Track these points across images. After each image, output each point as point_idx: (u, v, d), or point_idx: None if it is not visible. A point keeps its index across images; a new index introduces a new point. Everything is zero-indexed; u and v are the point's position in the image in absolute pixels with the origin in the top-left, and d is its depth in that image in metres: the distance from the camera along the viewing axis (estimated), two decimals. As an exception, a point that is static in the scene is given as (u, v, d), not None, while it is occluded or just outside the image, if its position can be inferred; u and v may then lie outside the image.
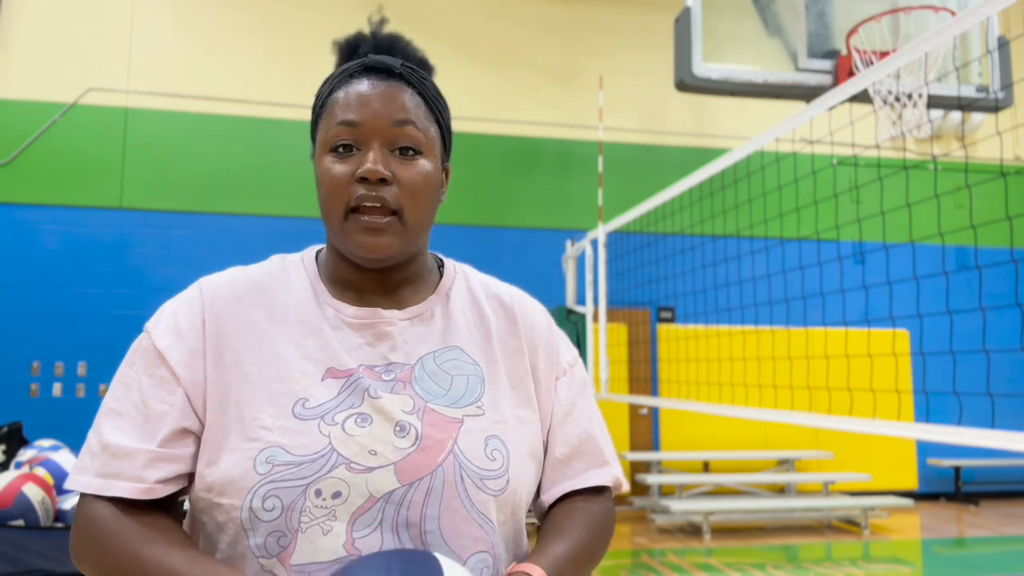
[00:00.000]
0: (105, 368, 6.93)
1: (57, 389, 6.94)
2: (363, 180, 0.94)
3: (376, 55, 1.01)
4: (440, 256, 1.12)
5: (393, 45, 1.03)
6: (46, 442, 5.53)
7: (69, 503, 4.07)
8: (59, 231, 7.15)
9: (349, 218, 0.95)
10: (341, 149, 0.96)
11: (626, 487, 1.11)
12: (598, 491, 1.07)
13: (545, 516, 1.05)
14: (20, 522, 3.80)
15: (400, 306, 1.01)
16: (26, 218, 7.10)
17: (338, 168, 0.95)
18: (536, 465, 1.02)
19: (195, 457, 0.93)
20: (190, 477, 0.94)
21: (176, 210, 7.40)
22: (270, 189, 7.59)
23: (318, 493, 0.87)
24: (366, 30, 1.04)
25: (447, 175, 1.06)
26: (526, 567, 0.90)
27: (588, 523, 1.02)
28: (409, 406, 0.94)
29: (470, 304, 1.06)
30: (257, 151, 7.61)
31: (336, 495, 0.87)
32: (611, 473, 1.07)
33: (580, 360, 1.13)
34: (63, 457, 4.35)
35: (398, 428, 0.92)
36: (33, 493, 3.89)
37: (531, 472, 1.01)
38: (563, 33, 8.43)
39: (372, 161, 0.94)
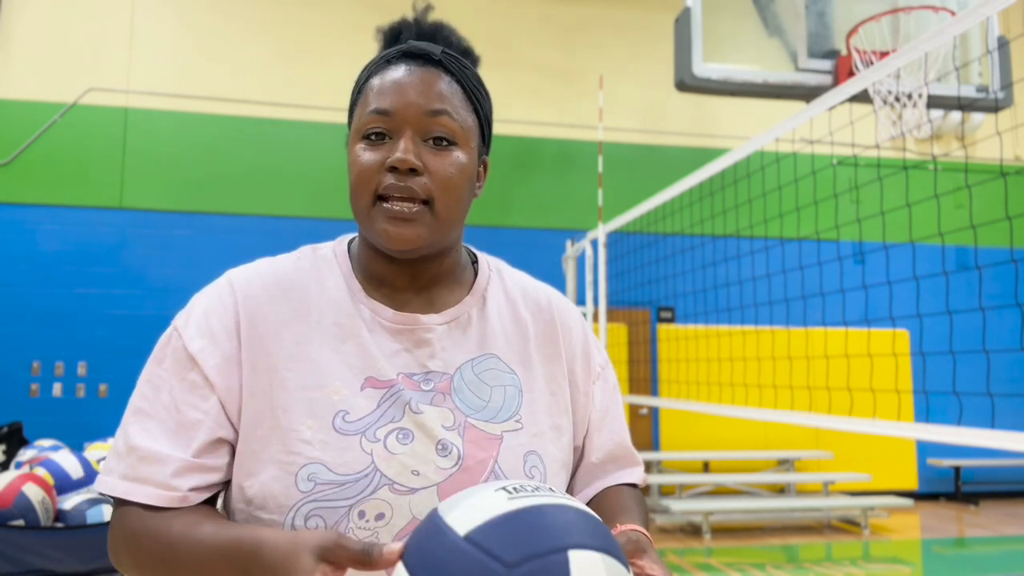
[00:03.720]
0: (105, 368, 6.93)
1: (57, 389, 6.94)
2: (393, 169, 0.91)
3: (417, 42, 0.98)
4: (473, 250, 1.09)
5: (436, 33, 1.00)
6: (46, 442, 5.53)
7: (69, 503, 4.07)
8: (59, 231, 7.14)
9: (376, 205, 0.92)
10: (373, 137, 0.93)
11: (644, 482, 1.13)
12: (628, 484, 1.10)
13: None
14: (20, 522, 3.80)
15: (436, 307, 0.99)
16: (26, 218, 7.10)
17: (368, 156, 0.92)
18: (567, 475, 1.02)
19: (230, 466, 0.91)
20: (224, 483, 0.93)
21: (176, 210, 7.40)
22: (270, 189, 7.59)
23: (361, 515, 0.86)
24: (402, 19, 1.02)
25: (485, 168, 1.03)
26: (632, 526, 0.90)
27: (639, 502, 1.05)
28: (449, 420, 0.92)
29: (507, 307, 1.04)
30: (257, 151, 7.61)
31: (379, 516, 0.86)
32: (640, 473, 1.10)
33: (610, 361, 1.12)
34: (63, 457, 4.35)
35: (440, 447, 0.90)
36: (33, 493, 3.89)
37: (563, 483, 1.01)
38: (563, 33, 8.43)
39: (403, 150, 0.90)
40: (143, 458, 0.88)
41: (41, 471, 4.16)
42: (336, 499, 0.86)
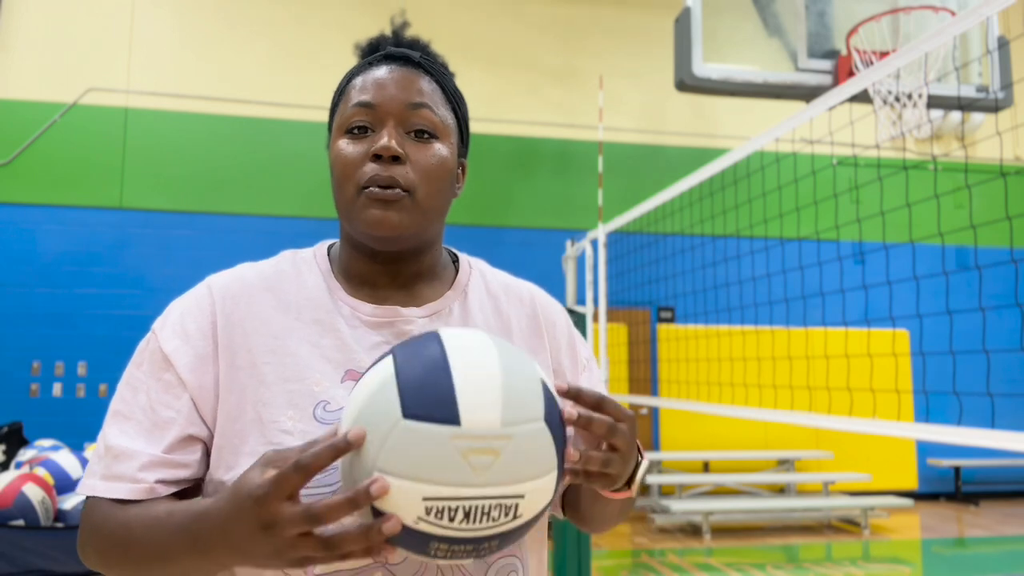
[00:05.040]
0: (105, 368, 6.93)
1: (57, 389, 6.95)
2: (376, 158, 0.93)
3: (396, 48, 1.01)
4: (454, 250, 1.11)
5: (413, 45, 1.03)
6: (46, 442, 5.53)
7: (69, 503, 4.08)
8: (59, 231, 7.15)
9: (360, 194, 0.93)
10: (356, 131, 0.95)
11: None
12: None
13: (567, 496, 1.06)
14: (20, 522, 3.80)
15: (417, 302, 1.00)
16: (26, 218, 7.10)
17: (351, 149, 0.94)
18: None
19: (200, 463, 0.92)
20: (195, 483, 0.94)
21: (176, 210, 7.40)
22: (270, 189, 7.60)
23: None
24: (380, 34, 1.04)
25: (463, 171, 1.05)
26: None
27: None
28: None
29: (489, 302, 1.05)
30: (257, 151, 7.62)
31: None
32: None
33: (592, 354, 1.14)
34: (63, 457, 4.35)
35: None
36: (33, 493, 3.89)
37: None
38: (563, 33, 8.43)
39: (386, 138, 0.92)
40: (117, 456, 0.90)
41: (41, 471, 4.16)
42: (318, 485, 0.86)
